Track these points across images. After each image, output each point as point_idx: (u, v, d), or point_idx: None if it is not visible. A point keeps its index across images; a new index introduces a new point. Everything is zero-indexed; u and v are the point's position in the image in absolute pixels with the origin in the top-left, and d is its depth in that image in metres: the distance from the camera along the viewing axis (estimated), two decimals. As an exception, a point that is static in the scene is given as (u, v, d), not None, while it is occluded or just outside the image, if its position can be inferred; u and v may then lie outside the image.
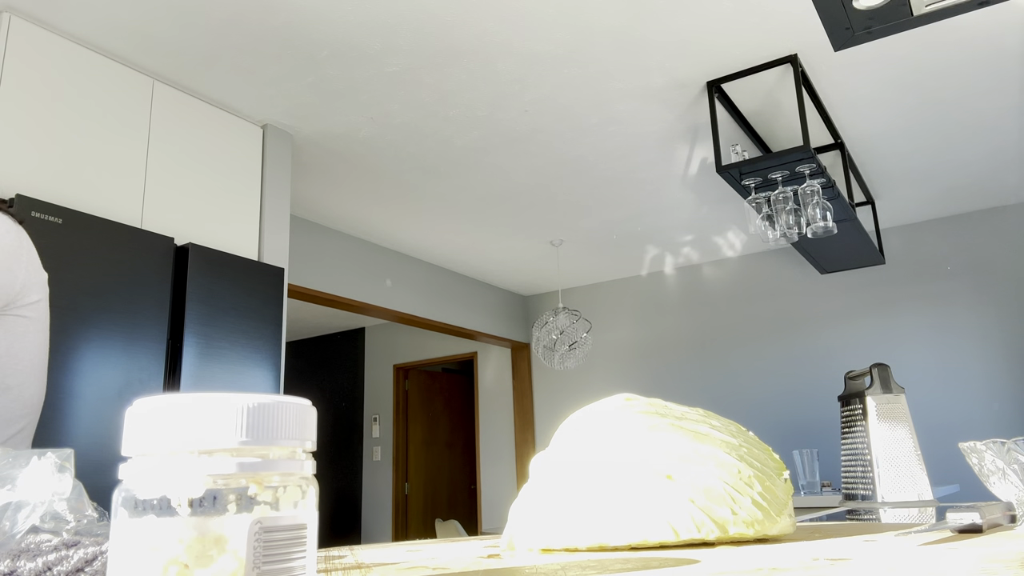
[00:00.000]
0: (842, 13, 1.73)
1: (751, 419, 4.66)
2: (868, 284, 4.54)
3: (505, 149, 3.33)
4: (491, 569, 0.45)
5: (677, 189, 3.86)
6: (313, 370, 7.09)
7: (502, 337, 5.58)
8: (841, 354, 4.53)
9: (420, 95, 2.85)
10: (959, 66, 2.79)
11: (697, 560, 0.44)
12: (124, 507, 0.27)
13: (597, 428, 0.59)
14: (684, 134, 3.26)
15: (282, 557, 0.27)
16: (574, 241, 4.63)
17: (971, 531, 0.51)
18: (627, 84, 2.83)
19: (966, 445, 0.61)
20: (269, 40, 2.47)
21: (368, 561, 0.52)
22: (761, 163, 2.78)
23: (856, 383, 1.32)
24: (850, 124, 3.22)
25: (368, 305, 4.35)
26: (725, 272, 5.09)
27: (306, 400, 0.30)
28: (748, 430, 0.61)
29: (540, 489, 0.57)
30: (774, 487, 0.54)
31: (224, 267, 2.59)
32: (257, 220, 2.89)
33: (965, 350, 4.22)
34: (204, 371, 2.44)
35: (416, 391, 6.58)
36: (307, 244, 3.98)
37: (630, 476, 0.53)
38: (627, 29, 2.49)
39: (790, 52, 2.67)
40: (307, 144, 3.22)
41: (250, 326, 2.62)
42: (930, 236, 4.44)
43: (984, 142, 3.46)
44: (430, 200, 3.90)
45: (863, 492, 1.25)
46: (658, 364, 5.22)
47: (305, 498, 0.29)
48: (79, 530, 0.41)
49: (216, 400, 0.27)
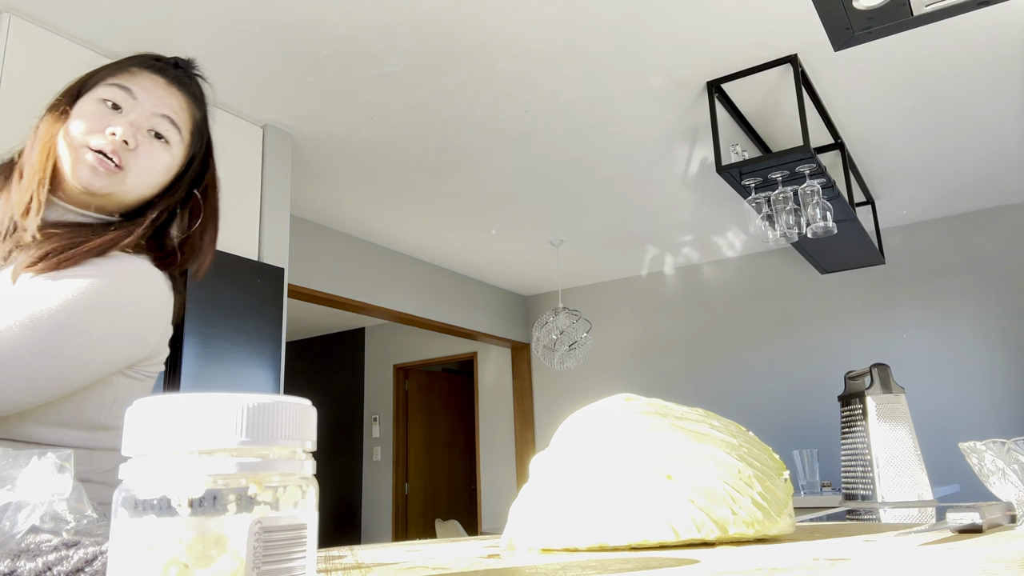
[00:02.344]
0: (842, 13, 1.73)
1: (751, 419, 4.66)
2: (868, 284, 4.54)
3: (505, 149, 3.33)
4: (491, 569, 0.45)
5: (677, 189, 3.86)
6: (313, 370, 7.09)
7: (502, 337, 5.58)
8: (841, 354, 4.52)
9: (420, 95, 2.85)
10: (959, 66, 2.79)
11: (697, 560, 0.44)
12: (124, 507, 0.27)
13: (597, 428, 0.59)
14: (684, 134, 3.26)
15: (282, 557, 0.27)
16: (574, 241, 4.63)
17: (971, 531, 0.51)
18: (627, 84, 2.83)
19: (966, 445, 0.61)
20: (269, 40, 2.47)
21: (368, 561, 0.52)
22: (761, 163, 2.78)
23: (856, 383, 1.32)
24: (850, 124, 3.22)
25: (368, 305, 4.35)
26: (725, 272, 5.09)
27: (306, 400, 0.30)
28: (748, 430, 0.61)
29: (540, 489, 0.57)
30: (774, 487, 0.54)
31: (224, 267, 2.58)
32: (257, 220, 2.89)
33: (965, 350, 4.22)
34: (204, 371, 2.44)
35: (416, 391, 6.58)
36: (307, 244, 3.98)
37: (630, 476, 0.53)
38: (627, 29, 2.49)
39: (790, 52, 2.67)
40: (307, 144, 3.22)
41: (250, 326, 2.62)
42: (930, 236, 4.44)
43: (984, 142, 3.46)
44: (430, 200, 3.90)
45: (863, 492, 1.25)
46: (658, 364, 5.22)
47: (305, 498, 0.29)
48: (79, 530, 0.41)
49: (216, 400, 0.27)
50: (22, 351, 0.76)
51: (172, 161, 0.94)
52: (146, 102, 0.91)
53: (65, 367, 0.79)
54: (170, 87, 0.95)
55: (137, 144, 0.89)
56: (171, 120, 0.93)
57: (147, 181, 0.92)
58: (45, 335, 0.78)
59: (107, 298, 0.84)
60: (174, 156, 0.94)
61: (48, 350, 0.78)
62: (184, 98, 0.96)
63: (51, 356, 0.78)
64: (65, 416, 0.84)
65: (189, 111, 0.97)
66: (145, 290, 0.89)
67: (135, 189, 0.91)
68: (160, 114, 0.92)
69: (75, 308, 0.81)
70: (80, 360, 0.81)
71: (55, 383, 0.79)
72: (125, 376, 0.90)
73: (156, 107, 0.92)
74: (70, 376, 0.80)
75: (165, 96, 0.93)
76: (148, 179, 0.92)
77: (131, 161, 0.89)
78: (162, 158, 0.92)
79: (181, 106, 0.95)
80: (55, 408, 0.83)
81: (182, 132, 0.95)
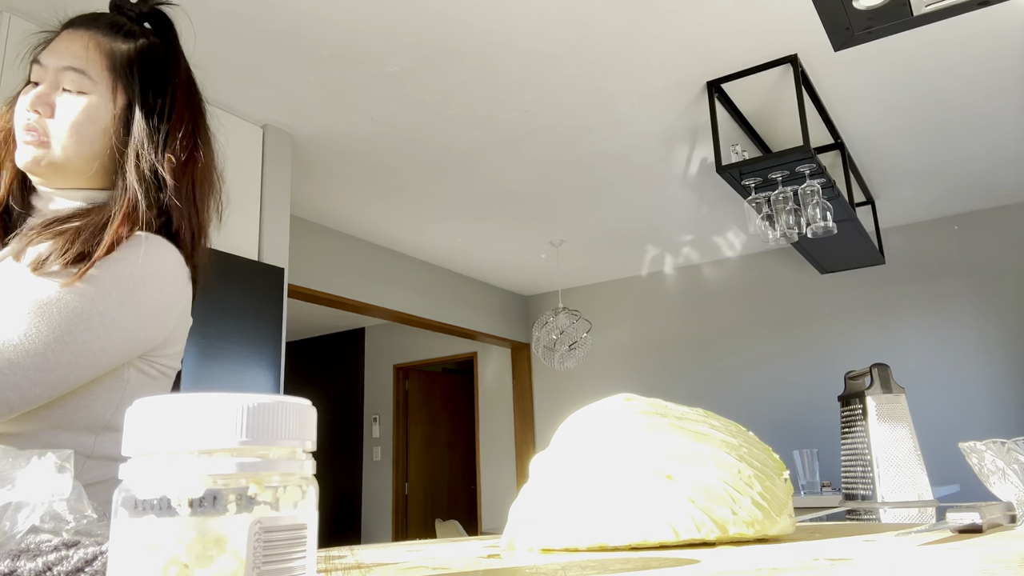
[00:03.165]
0: (842, 13, 1.73)
1: (751, 419, 4.66)
2: (868, 284, 4.54)
3: (505, 149, 3.33)
4: (491, 569, 0.45)
5: (677, 189, 3.86)
6: (313, 370, 7.09)
7: (502, 337, 5.58)
8: (841, 354, 4.52)
9: (420, 95, 2.85)
10: (959, 66, 2.79)
11: (697, 560, 0.44)
12: (124, 507, 0.27)
13: (597, 428, 0.59)
14: (684, 134, 3.26)
15: (282, 557, 0.27)
16: (574, 241, 4.63)
17: (971, 531, 0.51)
18: (627, 84, 2.83)
19: (966, 445, 0.61)
20: (269, 40, 2.47)
21: (368, 561, 0.52)
22: (761, 163, 2.78)
23: (856, 383, 1.32)
24: (850, 124, 3.22)
25: (368, 305, 4.35)
26: (725, 272, 5.09)
27: (306, 400, 0.30)
28: (748, 430, 0.61)
29: (540, 489, 0.57)
30: (774, 487, 0.54)
31: (224, 267, 2.58)
32: (257, 220, 2.89)
33: (965, 350, 4.22)
34: (204, 371, 2.44)
35: (416, 391, 6.58)
36: (307, 244, 3.98)
37: (630, 476, 0.53)
38: (627, 29, 2.49)
39: (790, 52, 2.67)
40: (307, 144, 3.22)
41: (250, 326, 2.62)
42: (930, 236, 4.44)
43: (984, 142, 3.46)
44: (430, 200, 3.90)
45: (863, 492, 1.25)
46: (658, 364, 5.22)
47: (305, 498, 0.29)
48: (79, 530, 0.41)
49: (216, 400, 0.27)
50: (35, 342, 0.74)
51: (92, 105, 0.86)
52: (50, 63, 0.86)
53: (80, 354, 0.76)
54: (73, 34, 0.87)
55: (52, 109, 0.85)
56: (74, 68, 0.85)
57: (75, 137, 0.85)
58: (56, 322, 0.75)
59: (118, 277, 0.80)
60: (94, 100, 0.86)
61: (61, 337, 0.75)
62: (88, 35, 0.87)
63: (64, 343, 0.75)
64: (68, 414, 0.80)
65: (100, 47, 0.87)
66: (158, 268, 0.83)
67: (69, 151, 0.85)
68: (61, 67, 0.85)
69: (84, 290, 0.77)
70: (95, 345, 0.77)
71: (72, 372, 0.76)
72: (137, 370, 0.85)
73: (57, 63, 0.85)
74: (87, 363, 0.77)
75: (66, 46, 0.86)
76: (75, 134, 0.85)
77: (53, 127, 0.85)
78: (76, 105, 0.85)
79: (85, 45, 0.86)
80: (57, 405, 0.79)
81: (93, 74, 0.86)
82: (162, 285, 0.84)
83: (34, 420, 0.78)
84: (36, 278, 0.78)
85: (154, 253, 0.83)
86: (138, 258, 0.81)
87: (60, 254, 0.78)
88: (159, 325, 0.84)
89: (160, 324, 0.84)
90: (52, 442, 0.79)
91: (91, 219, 0.83)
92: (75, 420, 0.81)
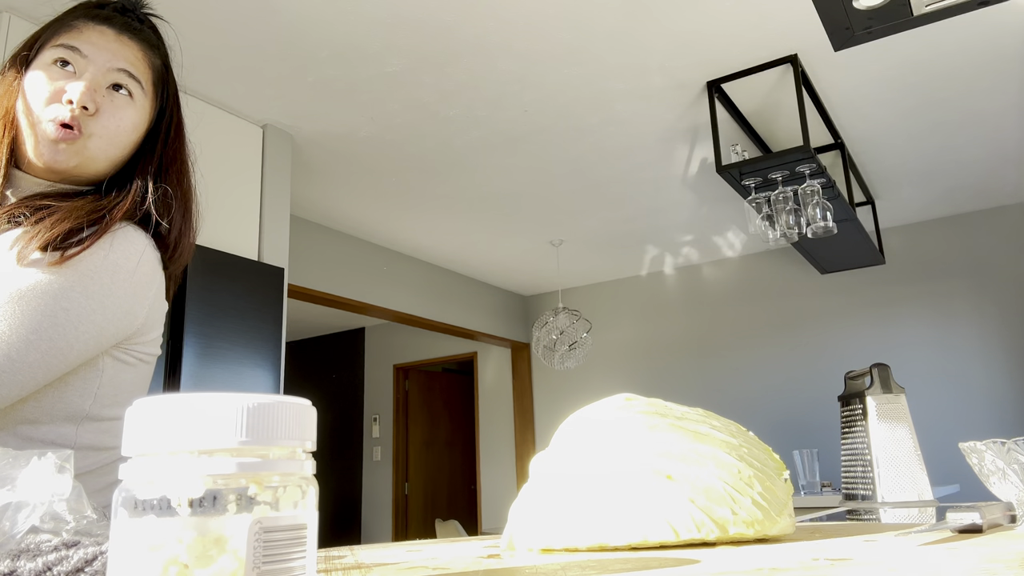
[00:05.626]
0: (842, 13, 1.73)
1: (751, 419, 4.66)
2: (868, 284, 4.54)
3: (505, 149, 3.33)
4: (491, 569, 0.45)
5: (677, 189, 3.86)
6: (313, 370, 7.09)
7: (502, 337, 5.58)
8: (841, 354, 4.52)
9: (420, 95, 2.85)
10: (959, 66, 2.79)
11: (697, 560, 0.44)
12: (124, 507, 0.27)
13: (597, 428, 0.59)
14: (684, 134, 3.26)
15: (282, 557, 0.27)
16: (574, 241, 4.63)
17: (971, 531, 0.51)
18: (627, 84, 2.83)
19: (966, 445, 0.61)
20: (269, 40, 2.47)
21: (368, 561, 0.52)
22: (761, 163, 2.78)
23: (856, 383, 1.32)
24: (850, 124, 3.22)
25: (368, 305, 4.35)
26: (725, 272, 5.09)
27: (306, 400, 0.30)
28: (748, 430, 0.61)
29: (540, 489, 0.57)
30: (774, 487, 0.54)
31: (224, 267, 2.59)
32: (257, 220, 2.89)
33: (965, 350, 4.22)
34: (204, 371, 2.44)
35: (416, 391, 6.58)
36: (307, 244, 3.98)
37: (630, 476, 0.53)
38: (627, 29, 2.49)
39: (790, 52, 2.67)
40: (307, 144, 3.21)
41: (250, 326, 2.62)
42: (930, 236, 4.44)
43: (984, 142, 3.46)
44: (430, 200, 3.90)
45: (863, 492, 1.25)
46: (658, 364, 5.22)
47: (305, 498, 0.29)
48: (79, 530, 0.41)
49: (216, 400, 0.27)
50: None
51: (139, 116, 0.86)
52: (98, 58, 0.83)
53: (47, 351, 0.74)
54: (120, 37, 0.85)
55: (98, 107, 0.82)
56: (129, 73, 0.84)
57: (115, 142, 0.84)
58: (20, 321, 0.73)
59: (82, 270, 0.77)
60: (140, 111, 0.86)
61: (26, 336, 0.73)
62: (139, 47, 0.87)
63: (29, 342, 0.73)
64: (44, 407, 0.78)
65: (147, 60, 0.88)
66: (123, 258, 0.81)
67: (102, 154, 0.83)
68: (114, 68, 0.84)
69: (46, 286, 0.75)
70: (61, 342, 0.75)
71: (39, 370, 0.74)
72: (113, 359, 0.83)
73: (110, 62, 0.83)
74: (54, 360, 0.75)
75: (117, 48, 0.85)
76: (116, 139, 0.84)
77: (94, 125, 0.81)
78: (127, 114, 0.84)
79: (137, 56, 0.86)
80: (32, 399, 0.77)
81: (143, 85, 0.86)
82: (128, 275, 0.81)
83: (10, 415, 0.77)
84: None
85: (119, 243, 0.81)
86: (103, 249, 0.79)
87: (33, 239, 0.76)
88: (129, 315, 0.82)
89: (130, 314, 0.82)
90: (32, 435, 0.78)
91: (73, 205, 0.80)
92: (53, 412, 0.79)
